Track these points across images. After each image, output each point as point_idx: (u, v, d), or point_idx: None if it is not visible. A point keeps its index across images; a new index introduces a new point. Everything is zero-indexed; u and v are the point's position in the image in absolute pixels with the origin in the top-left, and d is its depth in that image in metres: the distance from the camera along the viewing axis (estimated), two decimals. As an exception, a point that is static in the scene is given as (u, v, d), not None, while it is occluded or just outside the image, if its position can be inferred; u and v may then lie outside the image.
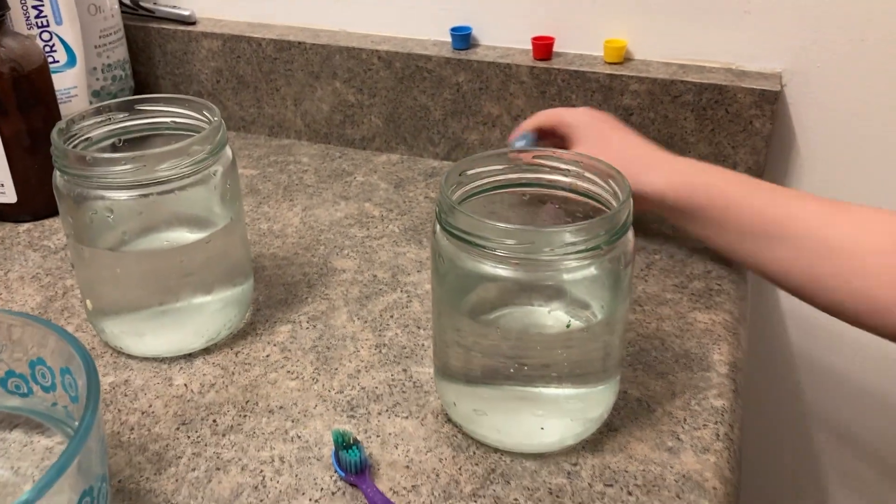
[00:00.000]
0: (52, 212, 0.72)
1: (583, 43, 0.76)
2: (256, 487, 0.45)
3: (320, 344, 0.56)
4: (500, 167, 0.48)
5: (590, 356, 0.46)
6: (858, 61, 0.69)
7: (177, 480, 0.45)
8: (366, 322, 0.58)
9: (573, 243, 0.42)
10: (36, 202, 0.71)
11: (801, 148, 0.74)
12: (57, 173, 0.51)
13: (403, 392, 0.52)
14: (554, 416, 0.47)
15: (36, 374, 0.44)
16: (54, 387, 0.43)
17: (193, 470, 0.46)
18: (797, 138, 0.73)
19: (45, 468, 0.45)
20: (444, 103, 0.79)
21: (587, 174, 0.47)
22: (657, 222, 0.70)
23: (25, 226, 0.72)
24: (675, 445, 0.47)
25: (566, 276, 0.44)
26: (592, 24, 0.75)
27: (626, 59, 0.75)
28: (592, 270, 0.43)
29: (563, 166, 0.48)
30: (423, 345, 0.56)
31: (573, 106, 0.74)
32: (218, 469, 0.46)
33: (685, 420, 0.49)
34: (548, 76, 0.74)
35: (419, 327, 0.57)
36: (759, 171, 0.72)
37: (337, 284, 0.62)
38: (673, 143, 0.73)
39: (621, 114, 0.73)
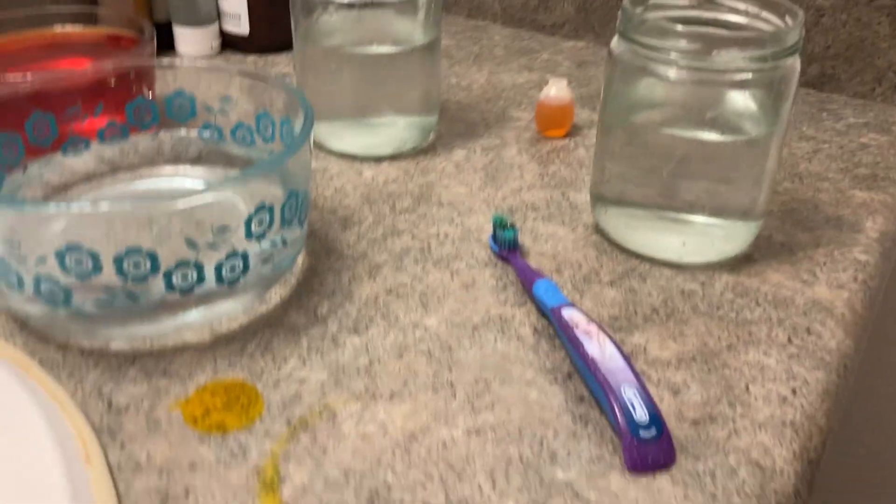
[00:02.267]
0: (276, 48, 0.83)
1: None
2: (422, 250, 0.52)
3: (490, 167, 0.62)
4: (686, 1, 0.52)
5: (735, 184, 0.49)
6: None
7: (358, 236, 0.53)
8: (533, 157, 0.64)
9: (740, 58, 0.45)
10: (263, 37, 0.82)
11: None
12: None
13: (560, 208, 0.57)
14: (698, 236, 0.51)
15: (260, 126, 0.53)
16: (273, 138, 0.52)
17: (372, 230, 0.54)
18: None
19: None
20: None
21: (763, 13, 0.50)
22: (832, 118, 0.70)
23: (251, 57, 0.83)
24: (811, 279, 0.50)
25: (729, 92, 0.47)
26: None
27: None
28: (751, 88, 0.47)
29: (741, 6, 0.51)
30: (583, 179, 0.61)
31: None
32: (392, 234, 0.54)
33: (825, 264, 0.51)
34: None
35: (581, 166, 0.62)
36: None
37: (512, 129, 0.68)
38: (863, 46, 0.73)
39: (812, 14, 0.74)
